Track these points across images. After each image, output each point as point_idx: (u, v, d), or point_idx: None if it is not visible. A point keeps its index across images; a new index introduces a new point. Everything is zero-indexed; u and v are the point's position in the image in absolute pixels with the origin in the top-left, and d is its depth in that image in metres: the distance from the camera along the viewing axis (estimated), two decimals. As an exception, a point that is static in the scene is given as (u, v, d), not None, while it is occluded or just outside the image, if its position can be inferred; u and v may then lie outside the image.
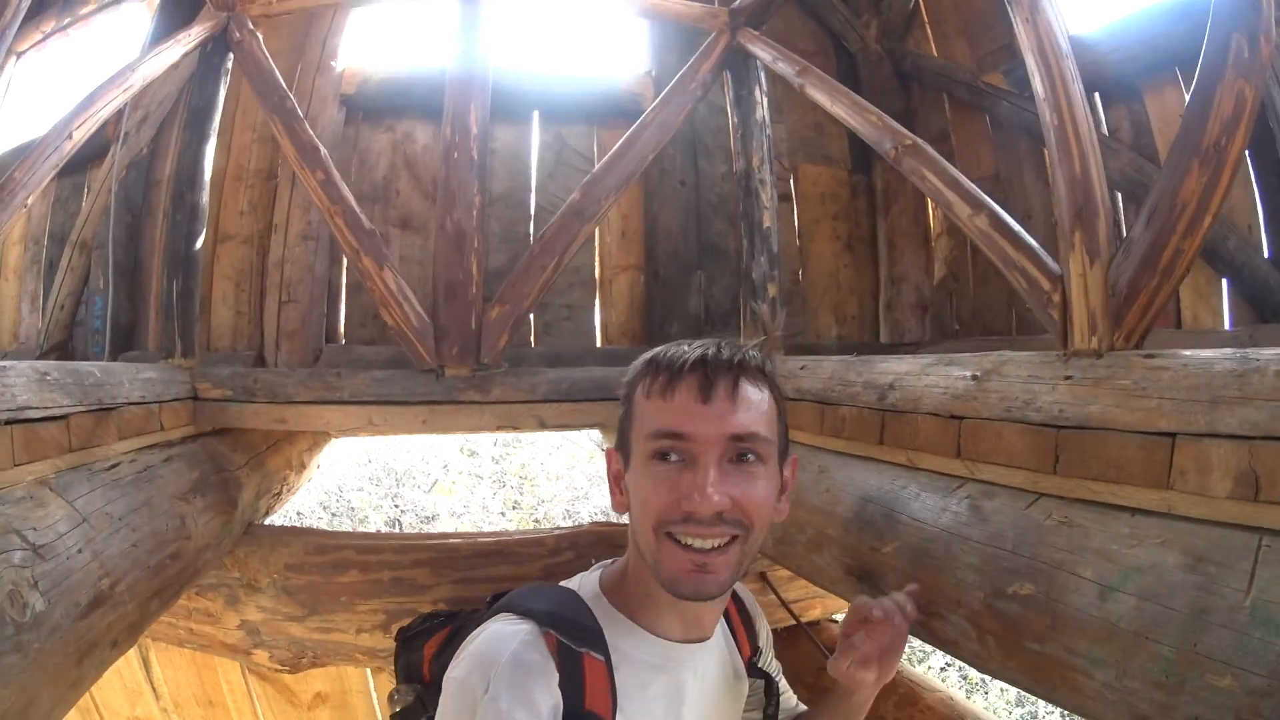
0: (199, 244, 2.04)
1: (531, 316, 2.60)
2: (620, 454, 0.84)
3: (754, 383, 0.80)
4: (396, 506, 6.98)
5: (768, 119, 2.15)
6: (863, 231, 2.94)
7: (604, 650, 0.76)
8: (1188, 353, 0.81)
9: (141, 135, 2.97)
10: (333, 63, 2.74)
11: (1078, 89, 1.07)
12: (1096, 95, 2.47)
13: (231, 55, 2.07)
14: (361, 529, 6.25)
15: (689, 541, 0.74)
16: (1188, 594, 0.71)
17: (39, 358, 2.92)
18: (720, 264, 2.68)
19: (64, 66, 3.48)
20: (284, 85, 1.99)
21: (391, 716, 1.13)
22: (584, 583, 0.87)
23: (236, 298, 2.70)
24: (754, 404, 0.79)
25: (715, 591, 0.78)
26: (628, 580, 0.83)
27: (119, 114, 2.96)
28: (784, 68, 1.93)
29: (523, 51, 2.49)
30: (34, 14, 3.55)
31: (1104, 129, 2.45)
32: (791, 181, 2.94)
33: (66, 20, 3.65)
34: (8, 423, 1.15)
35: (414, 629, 1.23)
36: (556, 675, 0.73)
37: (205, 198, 2.07)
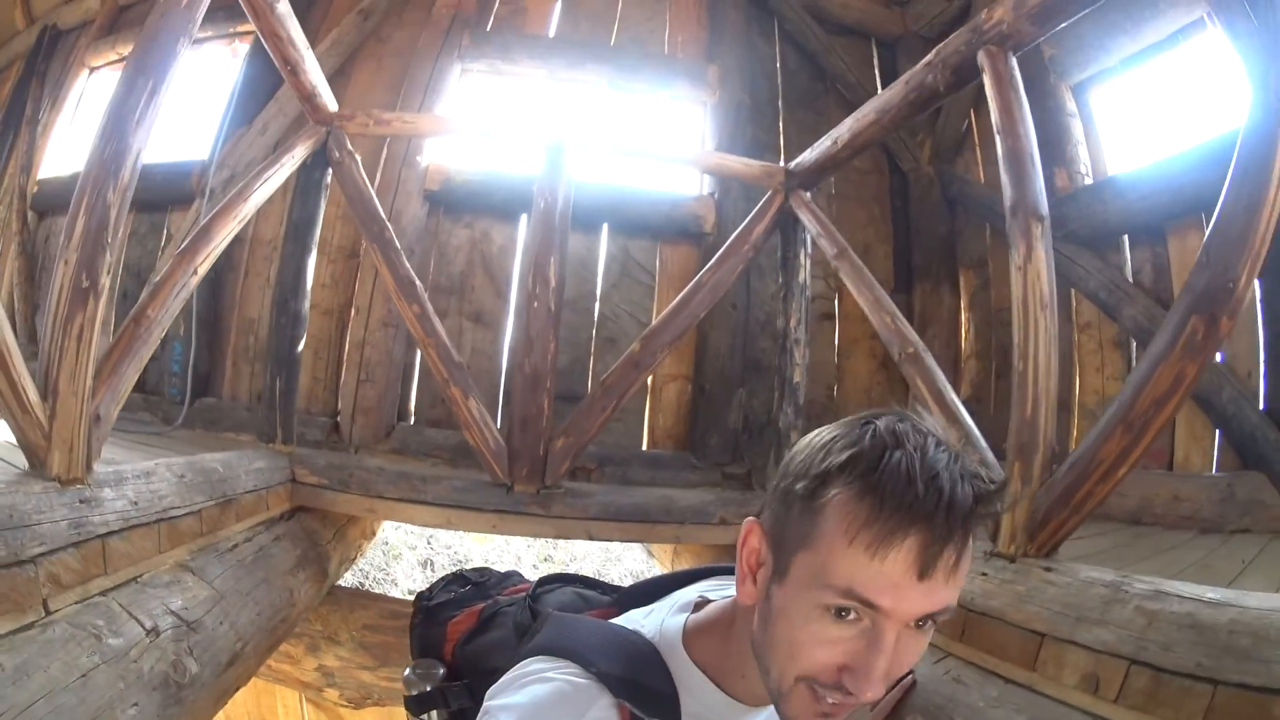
0: (300, 347, 2.29)
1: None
2: (771, 551, 0.67)
3: (974, 540, 0.63)
4: (430, 547, 7.25)
5: (808, 282, 2.41)
6: (898, 351, 3.20)
7: (674, 718, 0.69)
8: (1080, 572, 1.12)
9: (228, 194, 3.19)
10: (418, 158, 3.01)
11: (1045, 344, 1.34)
12: (1125, 238, 2.74)
13: (331, 171, 2.31)
14: (397, 565, 6.60)
15: (830, 700, 0.63)
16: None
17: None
18: (762, 379, 2.95)
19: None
20: (383, 216, 2.28)
21: (407, 700, 0.97)
22: (664, 630, 0.75)
23: (314, 364, 2.97)
24: (965, 571, 0.63)
25: None
26: (729, 650, 0.72)
27: (204, 168, 3.23)
28: (825, 244, 2.20)
29: (596, 163, 2.75)
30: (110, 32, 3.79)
31: (1128, 271, 2.71)
32: (836, 301, 3.19)
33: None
34: (157, 521, 1.47)
35: (436, 596, 1.09)
36: None
37: (307, 305, 2.31)
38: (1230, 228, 1.15)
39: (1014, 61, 1.70)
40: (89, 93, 4.09)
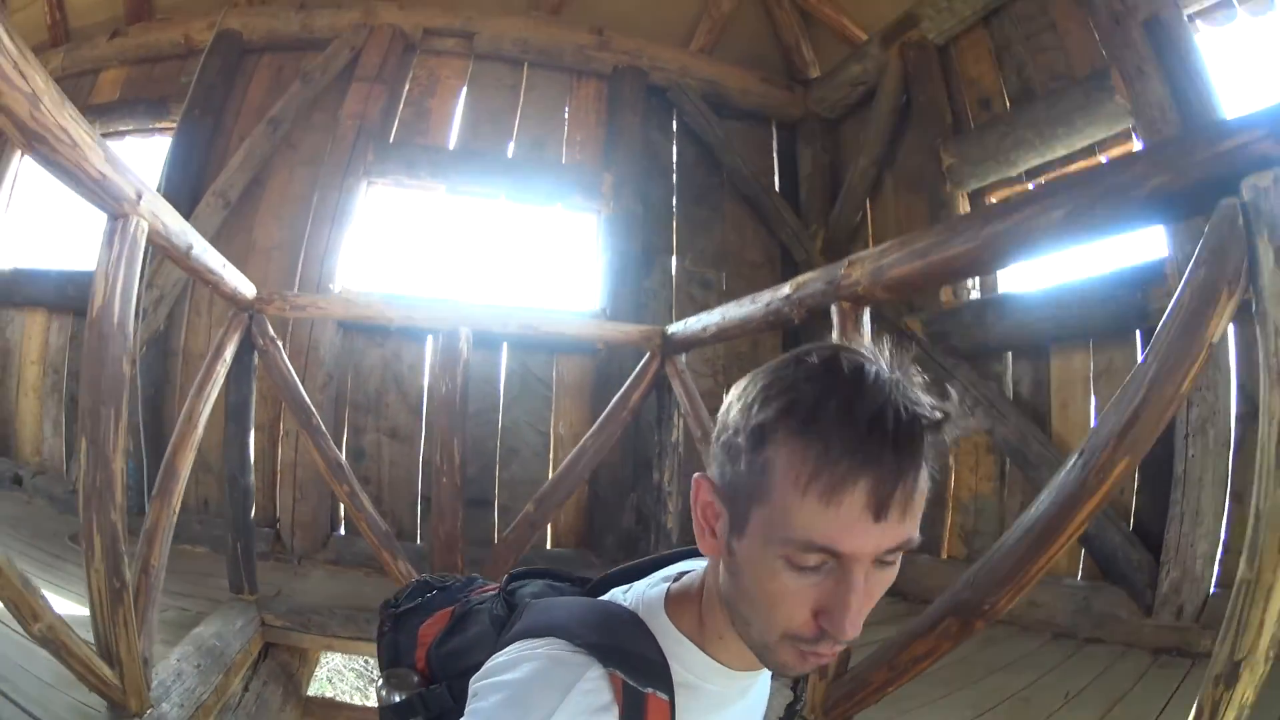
0: (252, 513, 2.72)
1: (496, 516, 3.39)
2: (725, 505, 0.66)
3: (927, 468, 0.62)
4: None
5: (680, 442, 2.88)
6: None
7: (669, 688, 0.69)
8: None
9: (159, 314, 3.52)
10: (330, 285, 3.31)
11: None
12: (1009, 354, 3.04)
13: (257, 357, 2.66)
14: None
15: (817, 651, 0.65)
16: None
17: (73, 490, 3.53)
18: (651, 479, 3.45)
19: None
20: (310, 404, 2.63)
21: (381, 711, 0.95)
22: (645, 602, 0.75)
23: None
24: (921, 502, 0.63)
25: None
26: (701, 611, 0.72)
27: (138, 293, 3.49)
28: (691, 425, 2.65)
29: (497, 288, 3.06)
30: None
31: (1009, 382, 3.03)
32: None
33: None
34: (195, 708, 2.07)
35: (402, 603, 1.06)
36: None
37: (253, 479, 2.71)
38: (1000, 566, 1.38)
39: (866, 315, 1.84)
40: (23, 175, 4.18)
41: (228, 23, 3.82)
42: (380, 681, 0.98)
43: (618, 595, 0.78)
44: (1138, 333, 2.62)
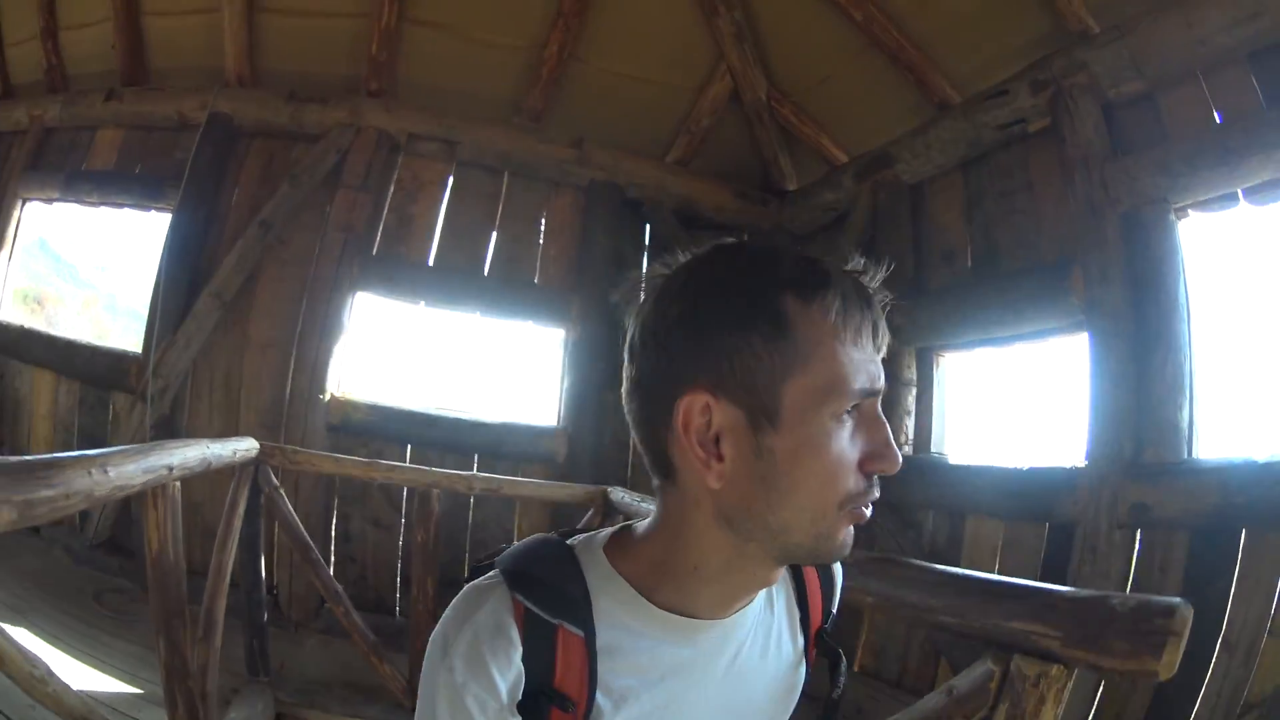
0: (266, 617, 3.29)
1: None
2: (740, 406, 0.62)
3: None
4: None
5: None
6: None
7: (584, 623, 0.65)
8: None
9: (164, 401, 3.97)
10: (320, 396, 3.75)
11: None
12: (931, 512, 3.33)
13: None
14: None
15: (867, 505, 0.65)
16: None
17: (93, 544, 4.08)
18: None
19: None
20: (310, 541, 3.15)
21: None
22: (587, 540, 0.72)
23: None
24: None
25: None
26: (646, 554, 0.69)
27: (143, 375, 3.93)
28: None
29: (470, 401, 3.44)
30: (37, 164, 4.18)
31: (927, 531, 3.35)
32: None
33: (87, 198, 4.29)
34: None
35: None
36: (520, 649, 0.64)
37: (265, 595, 3.26)
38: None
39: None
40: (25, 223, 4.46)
41: (219, 105, 3.98)
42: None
43: (578, 539, 0.75)
44: (1046, 525, 2.85)
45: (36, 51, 4.46)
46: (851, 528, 0.66)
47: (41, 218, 4.70)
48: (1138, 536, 2.53)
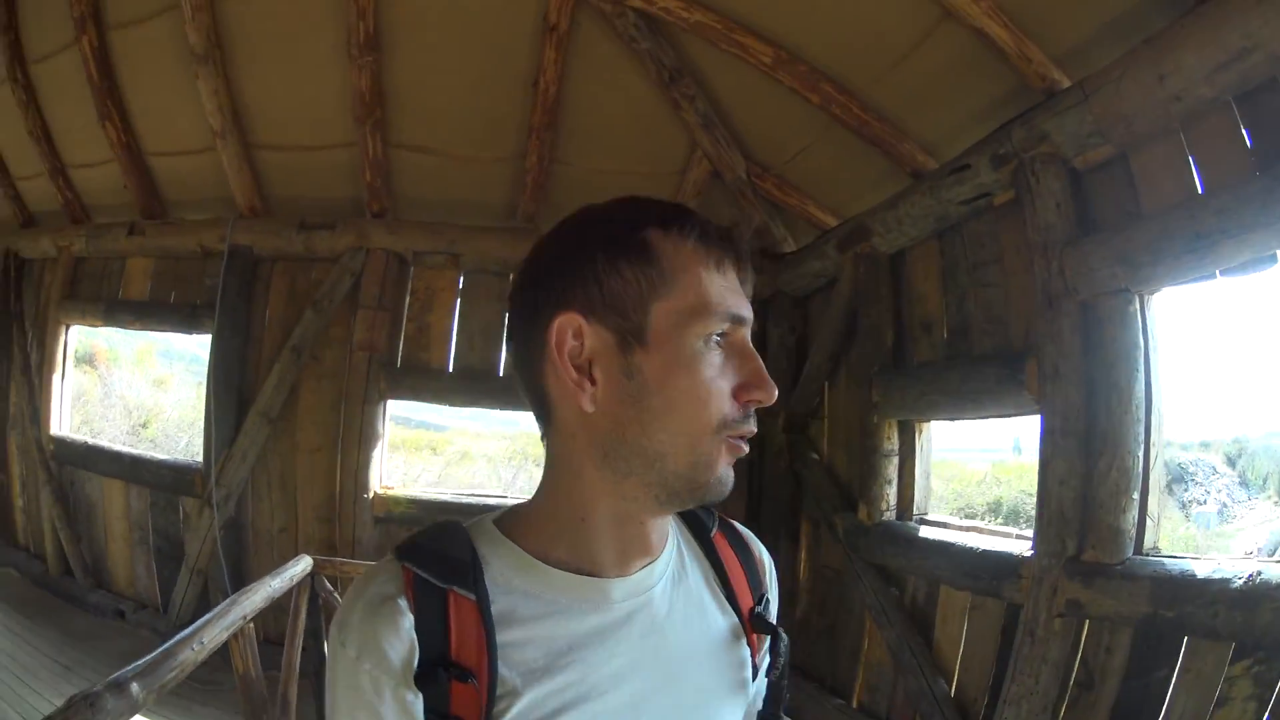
0: None
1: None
2: (608, 327, 0.65)
3: None
4: None
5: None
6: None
7: (474, 586, 0.65)
8: None
9: (229, 505, 4.49)
10: (365, 495, 4.21)
11: None
12: (911, 577, 3.57)
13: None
14: None
15: (745, 433, 0.66)
16: None
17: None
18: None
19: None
20: None
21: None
22: (483, 517, 0.73)
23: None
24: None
25: None
26: (535, 515, 0.70)
27: (207, 484, 4.42)
28: None
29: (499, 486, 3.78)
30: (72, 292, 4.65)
31: (908, 593, 3.59)
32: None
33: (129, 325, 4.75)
34: None
35: None
36: (410, 618, 0.63)
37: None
38: None
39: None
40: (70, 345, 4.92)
41: (237, 238, 4.32)
42: None
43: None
44: (1004, 602, 3.00)
45: (49, 185, 4.78)
46: (731, 464, 0.67)
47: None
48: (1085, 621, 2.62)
